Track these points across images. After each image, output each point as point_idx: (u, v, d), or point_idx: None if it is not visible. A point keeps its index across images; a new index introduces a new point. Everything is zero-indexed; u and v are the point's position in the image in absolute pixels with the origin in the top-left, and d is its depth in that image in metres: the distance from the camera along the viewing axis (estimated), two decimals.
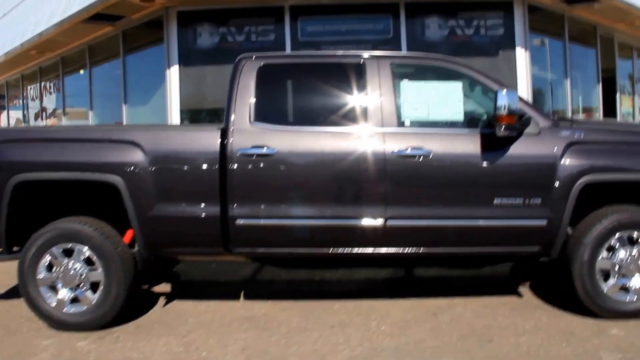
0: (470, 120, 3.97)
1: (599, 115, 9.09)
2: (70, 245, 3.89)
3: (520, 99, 3.91)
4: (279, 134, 3.82)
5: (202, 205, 3.84)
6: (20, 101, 14.16)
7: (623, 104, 10.12)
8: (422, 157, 3.78)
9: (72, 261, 3.90)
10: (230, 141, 3.82)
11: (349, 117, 3.91)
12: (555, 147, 3.80)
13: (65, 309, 3.90)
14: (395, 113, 3.84)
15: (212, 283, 5.28)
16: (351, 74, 3.93)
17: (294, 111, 4.09)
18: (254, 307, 4.40)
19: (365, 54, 4.01)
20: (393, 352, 3.48)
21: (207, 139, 3.85)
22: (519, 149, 3.79)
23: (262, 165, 3.79)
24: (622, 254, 3.85)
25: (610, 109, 9.61)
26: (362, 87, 3.90)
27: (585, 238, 3.82)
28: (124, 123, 8.88)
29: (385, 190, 3.78)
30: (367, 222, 3.82)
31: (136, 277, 4.04)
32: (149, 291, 4.94)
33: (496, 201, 3.80)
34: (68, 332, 3.87)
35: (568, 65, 8.14)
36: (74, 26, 8.49)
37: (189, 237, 3.95)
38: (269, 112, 3.92)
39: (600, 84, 9.10)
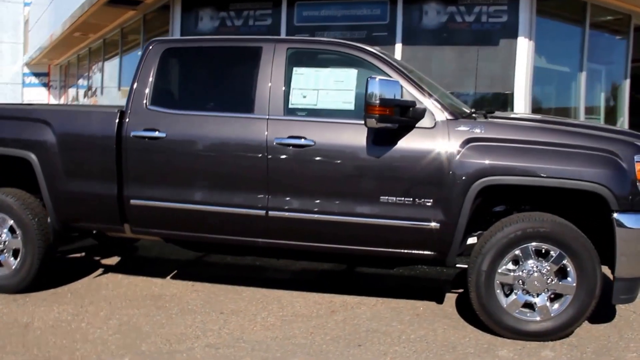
0: (362, 111, 3.72)
1: (623, 118, 8.03)
2: None
3: (420, 88, 3.60)
4: (170, 118, 3.84)
5: (103, 183, 3.98)
6: (76, 80, 15.36)
7: None
8: (304, 147, 3.62)
9: None
10: (126, 123, 3.91)
11: (239, 103, 3.84)
12: (450, 144, 3.47)
13: None
14: (283, 100, 3.71)
15: (162, 260, 5.46)
16: (247, 59, 3.85)
17: (188, 96, 4.08)
18: (170, 286, 4.50)
19: (265, 39, 3.90)
20: (251, 345, 3.42)
21: (107, 120, 3.97)
22: (408, 143, 3.50)
23: (152, 148, 3.84)
24: (528, 267, 3.47)
25: None
26: (255, 72, 3.78)
27: (484, 247, 3.50)
28: None
29: (267, 180, 3.68)
30: (250, 211, 3.74)
31: (51, 248, 4.29)
32: (97, 262, 5.22)
33: (382, 199, 3.56)
34: None
35: (585, 56, 7.29)
36: (100, 9, 9.02)
37: (93, 213, 4.12)
38: (165, 95, 3.96)
39: (629, 79, 8.03)
